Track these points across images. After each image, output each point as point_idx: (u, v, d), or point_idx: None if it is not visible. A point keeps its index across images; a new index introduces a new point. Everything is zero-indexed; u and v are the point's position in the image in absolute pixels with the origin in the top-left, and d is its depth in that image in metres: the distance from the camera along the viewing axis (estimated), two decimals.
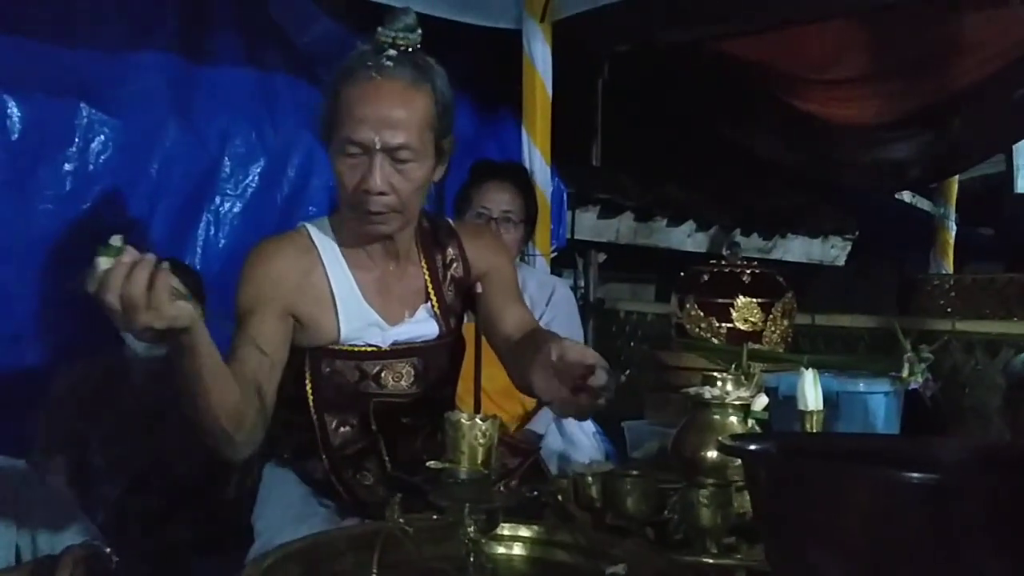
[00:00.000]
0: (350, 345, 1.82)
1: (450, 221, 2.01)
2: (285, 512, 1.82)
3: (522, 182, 3.00)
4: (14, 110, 2.55)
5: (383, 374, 1.86)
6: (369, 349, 1.84)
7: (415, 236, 1.89)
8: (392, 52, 1.68)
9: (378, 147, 1.66)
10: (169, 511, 2.56)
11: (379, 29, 1.70)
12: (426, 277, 1.89)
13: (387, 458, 1.81)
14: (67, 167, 2.65)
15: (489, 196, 2.84)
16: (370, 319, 1.82)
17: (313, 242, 1.82)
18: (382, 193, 1.68)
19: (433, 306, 1.89)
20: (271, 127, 3.06)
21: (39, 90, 2.61)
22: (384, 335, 1.84)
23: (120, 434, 2.65)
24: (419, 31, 1.72)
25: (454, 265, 1.93)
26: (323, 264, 1.81)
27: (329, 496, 1.87)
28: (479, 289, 1.93)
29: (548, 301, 2.97)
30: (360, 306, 1.81)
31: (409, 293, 1.87)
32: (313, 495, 1.88)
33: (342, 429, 1.86)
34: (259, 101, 3.07)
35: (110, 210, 2.73)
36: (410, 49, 1.70)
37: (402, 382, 1.87)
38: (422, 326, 1.88)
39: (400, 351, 1.86)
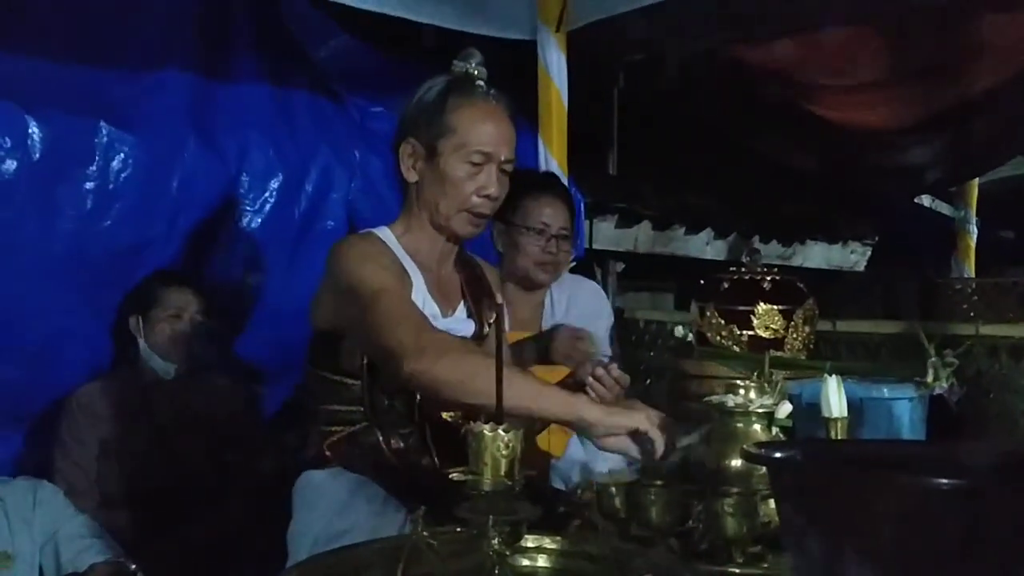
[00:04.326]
0: None
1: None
2: (327, 507, 1.91)
3: (570, 198, 2.97)
4: (35, 129, 2.56)
5: None
6: None
7: None
8: (481, 83, 1.97)
9: (502, 158, 1.95)
10: (187, 526, 2.57)
11: (456, 62, 1.99)
12: (462, 282, 2.11)
13: (433, 450, 1.94)
14: (87, 185, 2.66)
15: (548, 212, 2.80)
16: (431, 308, 2.00)
17: (381, 239, 2.01)
18: (496, 198, 1.97)
19: (470, 307, 2.09)
20: (289, 142, 3.06)
21: (59, 109, 2.62)
22: (439, 324, 1.97)
23: (139, 451, 2.66)
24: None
25: (478, 280, 2.16)
26: (395, 255, 1.99)
27: (380, 478, 1.93)
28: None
29: (567, 302, 2.94)
30: (424, 294, 1.99)
31: (453, 292, 2.09)
32: (360, 487, 1.93)
33: (392, 419, 1.94)
34: (277, 116, 3.08)
35: (130, 227, 2.74)
36: (485, 81, 1.99)
37: None
38: (463, 324, 2.06)
39: None
